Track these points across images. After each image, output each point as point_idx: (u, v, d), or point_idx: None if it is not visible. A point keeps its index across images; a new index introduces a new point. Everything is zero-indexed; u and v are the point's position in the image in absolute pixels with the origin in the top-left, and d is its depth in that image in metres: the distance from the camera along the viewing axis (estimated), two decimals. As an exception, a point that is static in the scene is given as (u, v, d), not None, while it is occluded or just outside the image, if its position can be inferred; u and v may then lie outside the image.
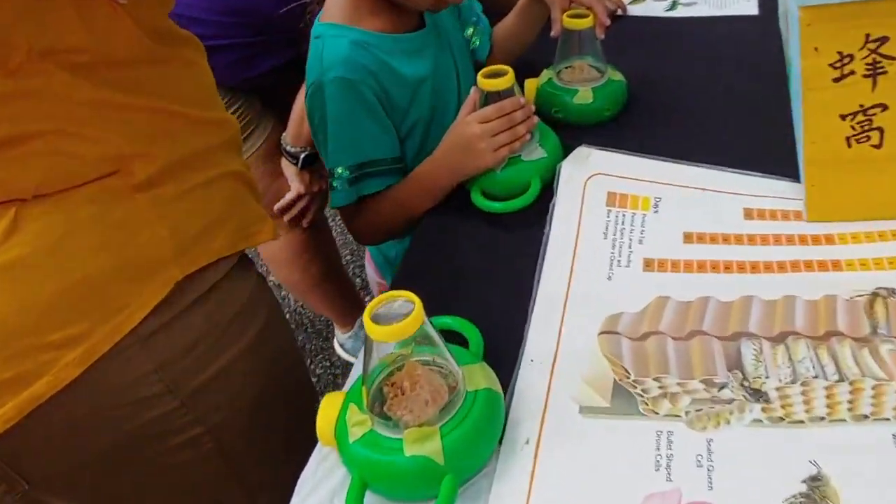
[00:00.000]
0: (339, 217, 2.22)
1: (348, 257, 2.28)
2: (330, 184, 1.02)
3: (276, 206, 1.42)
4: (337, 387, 1.98)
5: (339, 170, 1.00)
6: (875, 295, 0.74)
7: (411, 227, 1.00)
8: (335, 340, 2.05)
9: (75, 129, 0.63)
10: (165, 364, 0.71)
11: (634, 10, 1.39)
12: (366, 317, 0.60)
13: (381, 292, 1.40)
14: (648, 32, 1.31)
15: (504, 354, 0.75)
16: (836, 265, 0.78)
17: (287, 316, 2.11)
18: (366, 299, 2.03)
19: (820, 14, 0.76)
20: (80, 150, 0.63)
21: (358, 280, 2.19)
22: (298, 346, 0.92)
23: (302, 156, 1.29)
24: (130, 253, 0.67)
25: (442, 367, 0.66)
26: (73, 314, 0.64)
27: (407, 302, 0.62)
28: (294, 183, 1.34)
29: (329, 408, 0.67)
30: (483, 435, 0.65)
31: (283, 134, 1.32)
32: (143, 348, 0.69)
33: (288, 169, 1.33)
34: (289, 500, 0.67)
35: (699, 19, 1.31)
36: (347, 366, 2.03)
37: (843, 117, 0.79)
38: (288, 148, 1.30)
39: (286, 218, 1.45)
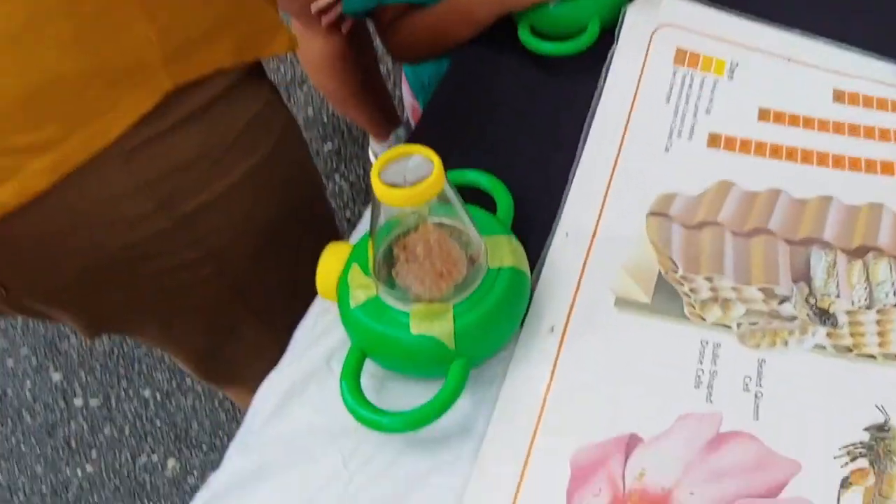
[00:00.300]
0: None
1: (385, 74, 2.16)
2: None
3: (314, 7, 1.32)
4: (367, 197, 1.93)
5: None
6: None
7: (449, 51, 0.87)
8: (370, 150, 1.98)
9: None
10: (154, 183, 0.61)
11: None
12: (374, 174, 0.49)
13: (415, 115, 1.29)
14: None
15: (535, 224, 0.64)
16: (940, 173, 0.67)
17: (325, 120, 2.02)
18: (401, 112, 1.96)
19: None
20: None
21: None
22: (318, 172, 0.82)
23: None
24: (109, 52, 0.55)
25: (463, 234, 0.56)
26: (41, 116, 0.53)
27: (425, 160, 0.50)
28: None
29: (331, 259, 0.57)
30: (502, 319, 0.55)
31: None
32: (126, 164, 0.59)
33: None
34: None
35: None
36: None
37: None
38: None
39: (324, 21, 1.36)
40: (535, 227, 0.64)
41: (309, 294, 0.64)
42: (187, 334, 0.79)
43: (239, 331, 0.80)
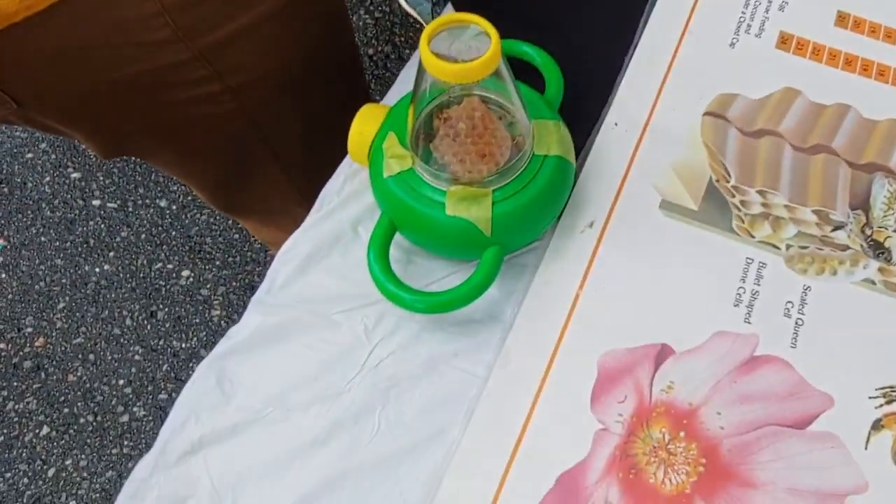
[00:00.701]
0: None
1: None
2: None
3: None
4: (391, 35, 1.90)
5: None
6: None
7: None
8: None
9: None
10: (172, 8, 0.56)
11: None
12: (423, 41, 0.44)
13: None
14: None
15: (583, 110, 0.60)
16: None
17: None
18: None
19: None
20: None
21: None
22: (345, 6, 0.76)
23: None
24: None
25: (509, 114, 0.52)
26: None
27: (482, 34, 0.46)
28: None
29: (365, 122, 0.53)
30: (543, 210, 0.52)
31: None
32: None
33: None
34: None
35: None
36: (406, 17, 1.92)
37: None
38: None
39: None
40: (582, 113, 0.59)
41: (329, 138, 0.61)
42: (205, 165, 0.75)
43: (256, 167, 0.77)
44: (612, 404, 0.48)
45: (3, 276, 1.71)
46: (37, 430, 1.57)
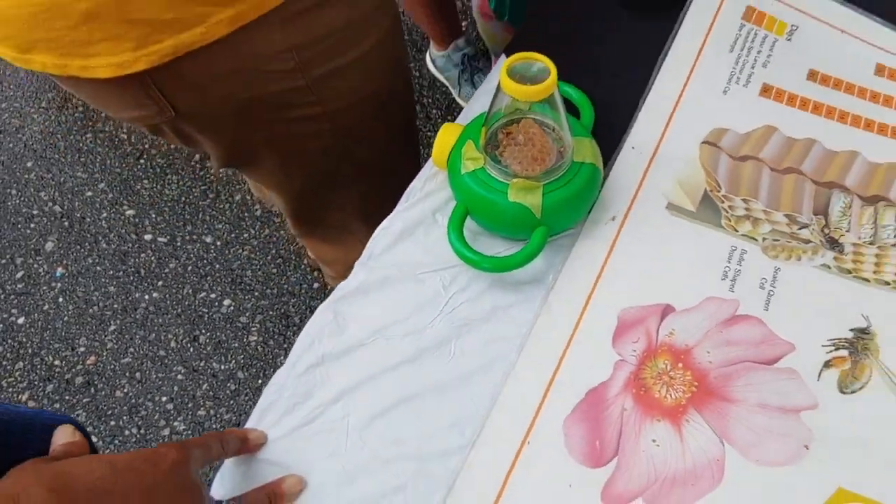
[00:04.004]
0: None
1: None
2: None
3: None
4: (420, 97, 2.15)
5: None
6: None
7: None
8: (427, 54, 2.13)
9: None
10: (299, 47, 0.75)
11: None
12: (503, 71, 0.64)
13: (481, 9, 1.41)
14: None
15: (608, 134, 0.78)
16: (950, 148, 0.81)
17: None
18: (463, 23, 2.12)
19: None
20: None
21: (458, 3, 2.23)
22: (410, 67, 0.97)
23: None
24: None
25: (555, 132, 0.70)
26: None
27: (544, 67, 0.65)
28: None
29: (446, 135, 0.72)
30: (579, 202, 0.70)
31: None
32: (283, 28, 0.73)
33: None
34: (390, 202, 0.75)
35: None
36: (434, 81, 2.17)
37: None
38: None
39: None
40: (608, 136, 0.78)
41: (396, 157, 0.79)
42: (295, 176, 0.94)
43: (336, 180, 0.95)
44: (628, 343, 0.66)
45: (61, 300, 1.89)
46: (85, 441, 1.73)
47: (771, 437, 0.61)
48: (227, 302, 1.87)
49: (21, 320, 1.85)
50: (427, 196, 0.74)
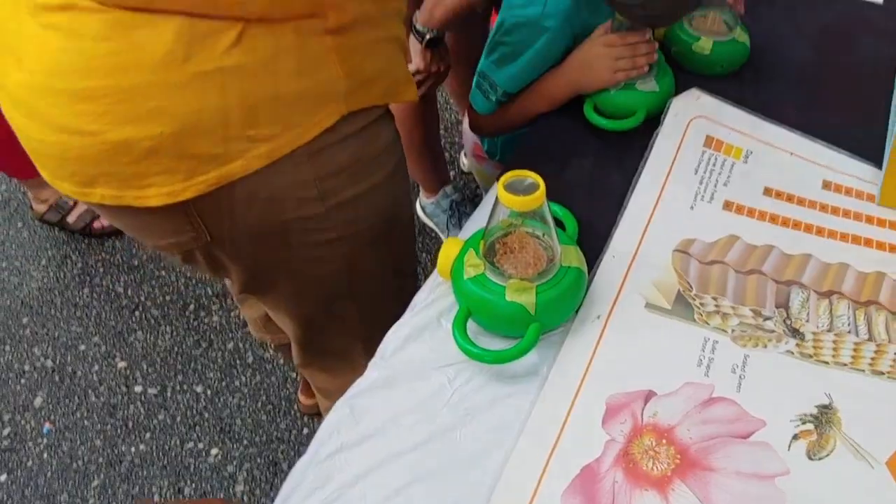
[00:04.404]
0: (443, 90, 2.42)
1: (442, 131, 2.45)
2: (484, 90, 1.17)
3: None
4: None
5: (502, 90, 1.15)
6: (916, 281, 0.89)
7: (524, 126, 1.15)
8: (417, 202, 2.28)
9: None
10: (322, 178, 0.88)
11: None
12: (500, 186, 0.75)
13: (476, 152, 1.56)
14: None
15: (591, 245, 0.89)
16: (893, 248, 0.92)
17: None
18: (451, 168, 2.31)
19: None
20: None
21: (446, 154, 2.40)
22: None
23: (427, 36, 1.42)
24: (314, 82, 0.82)
25: (544, 241, 0.81)
26: (269, 119, 0.80)
27: (534, 182, 0.76)
28: (416, 58, 1.47)
29: (449, 248, 0.83)
30: (568, 301, 0.81)
31: (416, 12, 1.44)
32: (309, 161, 0.85)
33: (413, 45, 1.45)
34: (389, 320, 0.85)
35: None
36: (423, 226, 2.31)
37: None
38: (417, 26, 1.42)
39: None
40: (591, 245, 0.89)
41: (392, 287, 0.94)
42: (307, 297, 1.04)
43: (343, 304, 1.06)
44: (616, 425, 0.74)
45: (46, 455, 1.91)
46: None
47: (749, 500, 0.69)
48: (214, 451, 1.91)
49: (3, 478, 1.88)
50: (433, 303, 0.84)
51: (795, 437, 0.74)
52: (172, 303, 2.24)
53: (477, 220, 0.92)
